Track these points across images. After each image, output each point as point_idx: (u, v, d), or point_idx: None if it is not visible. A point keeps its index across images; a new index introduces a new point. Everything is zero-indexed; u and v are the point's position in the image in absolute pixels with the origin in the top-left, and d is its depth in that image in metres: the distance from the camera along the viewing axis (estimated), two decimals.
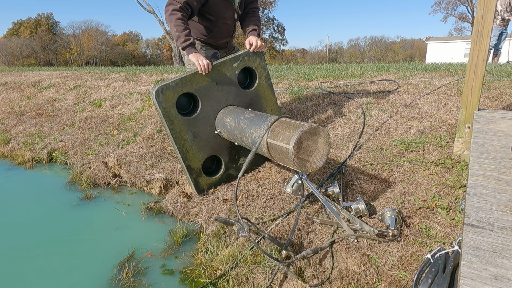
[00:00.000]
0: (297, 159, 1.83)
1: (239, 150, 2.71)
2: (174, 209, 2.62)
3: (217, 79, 2.49)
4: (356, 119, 3.34)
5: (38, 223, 2.62)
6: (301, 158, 1.85)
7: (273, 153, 1.99)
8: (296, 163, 1.83)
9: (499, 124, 2.18)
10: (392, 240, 1.83)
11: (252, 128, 2.18)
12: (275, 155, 1.99)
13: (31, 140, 4.35)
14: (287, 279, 1.79)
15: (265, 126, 2.08)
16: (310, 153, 1.89)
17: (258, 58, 2.65)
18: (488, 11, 2.04)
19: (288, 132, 1.88)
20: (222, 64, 2.50)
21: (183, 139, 2.43)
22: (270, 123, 2.05)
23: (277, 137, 1.94)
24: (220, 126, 2.49)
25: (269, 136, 2.01)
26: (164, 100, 2.30)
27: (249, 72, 2.73)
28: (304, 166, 1.88)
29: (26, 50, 48.01)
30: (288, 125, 1.93)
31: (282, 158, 1.93)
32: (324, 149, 1.92)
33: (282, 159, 1.94)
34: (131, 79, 6.41)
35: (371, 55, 55.05)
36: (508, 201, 1.25)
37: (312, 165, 1.90)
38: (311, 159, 1.89)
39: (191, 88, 2.39)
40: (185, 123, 2.41)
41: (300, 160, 1.85)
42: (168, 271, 2.03)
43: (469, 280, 0.90)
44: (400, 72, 5.05)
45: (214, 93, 2.49)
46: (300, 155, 1.84)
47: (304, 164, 1.88)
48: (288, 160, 1.86)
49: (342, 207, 2.03)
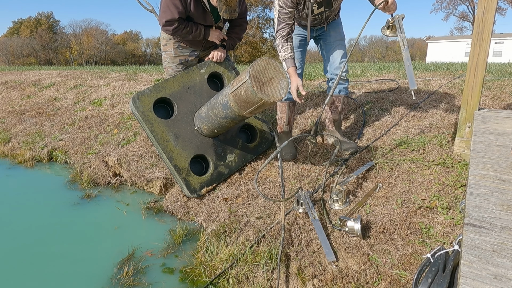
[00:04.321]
0: (257, 88, 2.02)
1: (224, 147, 2.77)
2: (174, 208, 2.62)
3: (188, 84, 2.74)
4: (356, 119, 3.34)
5: (38, 222, 2.62)
6: (262, 87, 2.05)
7: (239, 101, 2.17)
8: (258, 93, 2.02)
9: (500, 123, 2.18)
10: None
11: (220, 95, 2.39)
12: (240, 101, 2.15)
13: (31, 139, 4.35)
14: (287, 278, 1.79)
15: (228, 87, 2.29)
16: (269, 83, 2.08)
17: (222, 64, 2.97)
18: (488, 10, 2.03)
19: (243, 75, 2.10)
20: (190, 71, 2.81)
21: (166, 139, 2.54)
22: (231, 82, 2.26)
23: (235, 83, 2.17)
24: (198, 121, 2.65)
25: (230, 88, 2.21)
26: (141, 105, 2.51)
27: (217, 77, 2.99)
28: (267, 94, 2.05)
29: (27, 49, 48.01)
30: (243, 72, 2.14)
31: (246, 98, 2.09)
32: (279, 77, 2.11)
33: (247, 100, 2.11)
34: (132, 78, 6.41)
35: (372, 54, 55.00)
36: (508, 201, 1.25)
37: (274, 94, 2.08)
38: (271, 87, 2.09)
39: (165, 93, 2.63)
40: (165, 124, 2.58)
41: (261, 89, 2.04)
42: (168, 270, 2.03)
43: (469, 279, 0.90)
44: (400, 71, 5.04)
45: (188, 96, 2.71)
46: (259, 84, 2.04)
47: (266, 93, 2.06)
48: (250, 93, 2.03)
49: (339, 218, 2.02)
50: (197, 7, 2.64)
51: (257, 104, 2.09)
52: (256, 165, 2.86)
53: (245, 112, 2.23)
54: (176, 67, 2.95)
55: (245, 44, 41.44)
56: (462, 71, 4.65)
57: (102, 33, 53.25)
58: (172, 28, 2.64)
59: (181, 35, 2.75)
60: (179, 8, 2.56)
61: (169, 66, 2.97)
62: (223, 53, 2.92)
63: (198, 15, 2.70)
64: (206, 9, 2.69)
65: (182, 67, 2.96)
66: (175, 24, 2.62)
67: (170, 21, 2.61)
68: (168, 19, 2.60)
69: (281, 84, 2.11)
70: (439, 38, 36.84)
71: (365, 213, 2.09)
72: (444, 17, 54.65)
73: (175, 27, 2.64)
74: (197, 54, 3.00)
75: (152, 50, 58.94)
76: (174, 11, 2.57)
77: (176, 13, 2.57)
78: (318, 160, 2.78)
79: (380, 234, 1.91)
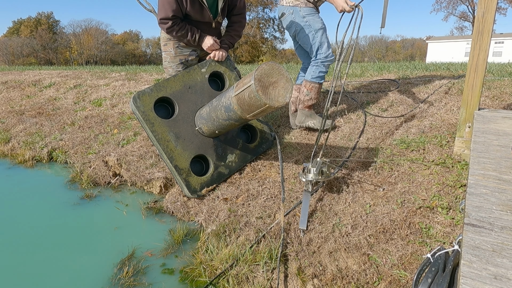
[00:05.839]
0: (262, 92, 1.99)
1: (224, 147, 2.76)
2: (174, 208, 2.62)
3: (189, 83, 2.72)
4: (357, 119, 3.34)
5: (38, 222, 2.62)
6: (266, 91, 2.03)
7: (242, 104, 2.15)
8: (263, 97, 2.00)
9: (500, 123, 2.18)
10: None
11: (222, 97, 2.37)
12: (244, 105, 2.14)
13: (31, 139, 4.35)
14: (287, 278, 1.79)
15: (231, 90, 2.27)
16: (273, 87, 2.07)
17: (223, 63, 2.93)
18: (488, 10, 2.03)
19: (247, 78, 2.09)
20: (191, 70, 2.77)
21: (166, 139, 2.52)
22: (235, 85, 2.24)
23: (239, 86, 2.14)
24: (199, 121, 2.63)
25: (234, 91, 2.19)
26: (142, 105, 2.48)
27: (219, 76, 2.96)
28: (271, 98, 2.05)
29: (27, 49, 48.01)
30: (247, 76, 2.13)
31: (250, 102, 2.08)
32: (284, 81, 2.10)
33: (250, 104, 2.09)
34: (131, 78, 6.41)
35: (372, 55, 55.00)
36: (508, 201, 1.25)
37: (278, 98, 2.07)
38: (276, 91, 2.08)
39: (165, 93, 2.60)
40: (165, 124, 2.55)
41: (265, 93, 2.03)
42: (168, 270, 2.03)
43: (469, 279, 0.90)
44: (400, 71, 5.04)
45: (189, 96, 2.69)
46: (264, 89, 2.03)
47: (271, 97, 2.05)
48: (254, 97, 2.01)
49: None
50: (193, 3, 2.64)
51: (261, 108, 2.09)
52: (256, 165, 2.86)
53: (248, 116, 2.23)
54: (177, 66, 2.95)
55: (245, 44, 41.45)
56: (462, 71, 4.65)
57: (102, 33, 53.24)
58: (166, 27, 2.65)
59: (175, 37, 2.76)
60: (173, 6, 2.56)
61: (170, 66, 2.97)
62: (225, 52, 2.91)
63: (195, 12, 2.69)
64: (203, 5, 2.68)
65: (183, 67, 2.95)
66: (168, 23, 2.62)
67: (164, 19, 2.62)
68: (162, 17, 2.62)
69: (285, 88, 2.10)
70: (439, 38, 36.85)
71: (365, 213, 2.10)
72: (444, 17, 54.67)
73: (169, 27, 2.64)
74: (197, 53, 3.00)
75: (152, 50, 58.96)
76: (168, 9, 2.57)
77: (170, 11, 2.57)
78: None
79: (380, 234, 1.91)
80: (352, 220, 2.05)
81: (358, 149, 2.81)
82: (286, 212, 2.21)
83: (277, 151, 2.36)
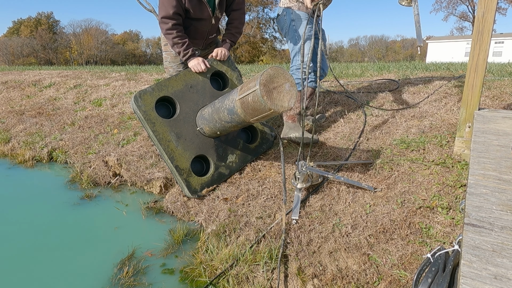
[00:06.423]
0: (266, 97, 2.00)
1: (225, 148, 2.76)
2: (174, 208, 2.62)
3: (191, 83, 2.70)
4: (357, 119, 3.34)
5: (38, 222, 2.62)
6: (270, 96, 2.03)
7: (246, 108, 2.15)
8: (268, 102, 2.00)
9: (500, 123, 2.18)
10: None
11: (225, 100, 2.36)
12: (248, 109, 2.14)
13: (31, 139, 4.35)
14: (288, 278, 1.79)
15: (235, 92, 2.27)
16: (277, 92, 2.06)
17: (225, 63, 2.92)
18: (488, 10, 2.03)
19: (252, 82, 2.08)
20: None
21: (167, 139, 2.51)
22: (238, 88, 2.24)
23: (244, 90, 2.13)
24: (201, 121, 2.62)
25: (238, 94, 2.19)
26: (143, 105, 2.46)
27: (220, 75, 2.94)
28: (275, 103, 2.05)
29: (27, 49, 48.01)
30: (252, 80, 2.12)
31: (254, 106, 2.07)
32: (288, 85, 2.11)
33: (254, 108, 2.09)
34: (132, 78, 6.41)
35: (372, 55, 55.00)
36: (508, 201, 1.25)
37: (282, 103, 2.08)
38: (280, 96, 2.08)
39: (167, 92, 2.58)
40: (166, 124, 2.53)
41: (270, 98, 2.02)
42: (168, 270, 2.03)
43: (469, 279, 0.90)
44: (400, 71, 5.04)
45: (190, 95, 2.67)
46: (268, 94, 2.03)
47: (275, 102, 2.05)
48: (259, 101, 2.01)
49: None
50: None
51: (266, 113, 2.08)
52: (256, 165, 2.86)
53: (251, 119, 2.22)
54: (178, 66, 2.94)
55: (245, 44, 41.45)
56: (462, 71, 4.65)
57: (102, 33, 53.24)
58: (166, 27, 2.60)
59: (170, 41, 2.68)
60: (173, 2, 2.52)
61: (170, 66, 2.96)
62: (227, 51, 2.88)
63: (194, 8, 2.65)
64: (201, 0, 2.66)
65: (183, 67, 2.94)
66: (169, 23, 2.58)
67: (165, 18, 2.59)
68: (163, 16, 2.59)
69: (289, 93, 2.10)
70: (439, 38, 36.84)
71: (365, 213, 2.10)
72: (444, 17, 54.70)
73: (169, 28, 2.60)
74: (198, 53, 2.99)
75: (152, 50, 58.95)
76: (168, 6, 2.54)
77: (170, 8, 2.53)
78: (318, 159, 2.78)
79: (380, 234, 1.91)
80: (352, 220, 2.05)
81: (358, 149, 2.81)
82: (286, 212, 2.21)
83: (280, 152, 2.37)
